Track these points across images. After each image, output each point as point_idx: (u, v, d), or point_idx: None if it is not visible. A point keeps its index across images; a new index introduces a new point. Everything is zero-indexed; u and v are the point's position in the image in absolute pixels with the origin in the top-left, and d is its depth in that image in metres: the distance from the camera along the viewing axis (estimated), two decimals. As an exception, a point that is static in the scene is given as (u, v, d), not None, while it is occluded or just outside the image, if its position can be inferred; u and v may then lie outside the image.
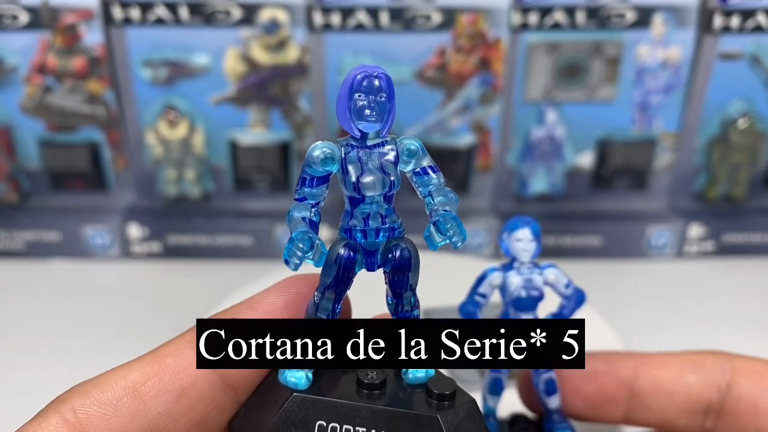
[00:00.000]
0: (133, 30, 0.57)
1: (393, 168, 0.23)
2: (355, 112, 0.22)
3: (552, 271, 0.29)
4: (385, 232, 0.23)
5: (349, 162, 0.23)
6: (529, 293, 0.29)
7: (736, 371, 0.29)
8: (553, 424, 0.30)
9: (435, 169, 0.24)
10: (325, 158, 0.22)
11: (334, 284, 0.23)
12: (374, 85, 0.22)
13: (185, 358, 0.24)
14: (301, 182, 0.23)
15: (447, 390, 0.24)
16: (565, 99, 0.61)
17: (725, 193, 0.64)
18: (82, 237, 0.62)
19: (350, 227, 0.23)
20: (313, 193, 0.23)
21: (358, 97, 0.22)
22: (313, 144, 0.23)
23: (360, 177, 0.23)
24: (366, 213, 0.23)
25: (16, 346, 0.52)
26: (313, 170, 0.23)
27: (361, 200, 0.23)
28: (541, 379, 0.30)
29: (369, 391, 0.24)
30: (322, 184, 0.23)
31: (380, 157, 0.23)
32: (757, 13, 0.58)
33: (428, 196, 0.24)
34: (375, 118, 0.22)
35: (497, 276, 0.29)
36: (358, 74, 0.22)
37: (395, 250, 0.23)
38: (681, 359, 0.30)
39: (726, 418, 0.29)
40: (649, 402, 0.30)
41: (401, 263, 0.23)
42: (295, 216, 0.23)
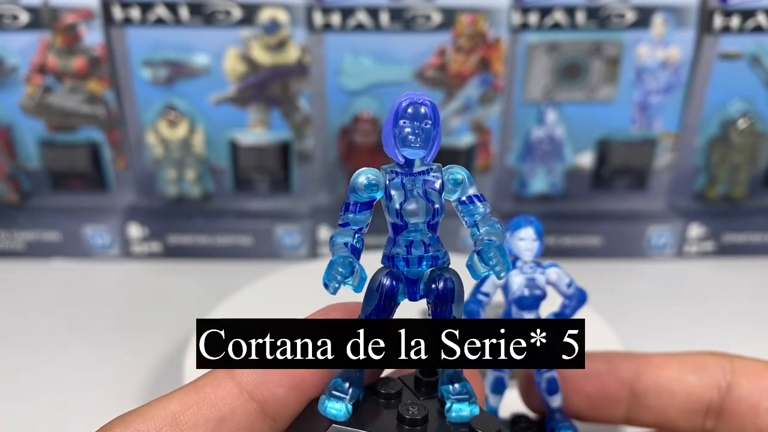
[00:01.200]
0: (134, 30, 0.57)
1: (437, 195, 0.23)
2: (400, 139, 0.22)
3: (554, 271, 0.30)
4: (428, 260, 0.23)
5: (393, 188, 0.23)
6: (532, 292, 0.29)
7: (736, 372, 0.30)
8: (555, 424, 0.30)
9: (481, 198, 0.24)
10: (369, 184, 0.23)
11: (375, 313, 0.23)
12: (420, 112, 0.22)
13: (224, 388, 0.24)
14: (345, 208, 0.23)
15: (491, 429, 0.23)
16: (565, 99, 0.61)
17: (725, 193, 0.64)
18: (82, 237, 0.62)
19: (393, 255, 0.23)
20: (356, 219, 0.23)
21: (403, 123, 0.22)
22: (357, 170, 0.23)
23: (403, 203, 0.22)
24: (409, 241, 0.23)
25: (16, 345, 0.52)
26: (358, 196, 0.23)
27: (404, 227, 0.23)
28: (543, 379, 0.30)
29: (410, 427, 0.23)
30: (366, 210, 0.23)
31: (425, 185, 0.23)
32: (757, 14, 0.58)
33: (474, 225, 0.24)
34: (420, 144, 0.22)
35: None
36: (404, 101, 0.22)
37: (438, 281, 0.23)
38: (681, 360, 0.31)
39: (726, 418, 0.29)
40: (650, 402, 0.30)
41: (444, 294, 0.23)
42: (337, 241, 0.23)
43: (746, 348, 0.34)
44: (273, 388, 0.24)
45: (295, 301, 0.49)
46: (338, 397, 0.24)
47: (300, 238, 0.62)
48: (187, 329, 0.51)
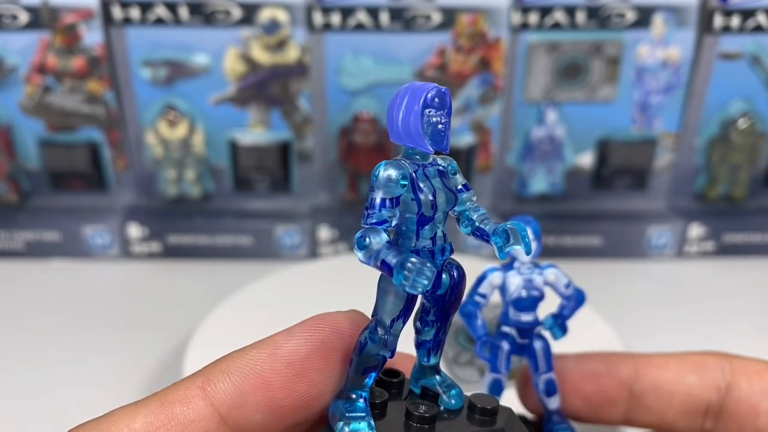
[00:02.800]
0: (133, 30, 0.57)
1: (450, 183, 0.23)
2: (430, 128, 0.21)
3: (552, 271, 0.29)
4: (447, 250, 0.23)
5: (420, 180, 0.22)
6: (530, 293, 0.29)
7: (735, 372, 0.29)
8: (553, 425, 0.30)
9: (469, 187, 0.23)
10: (403, 176, 0.21)
11: (403, 315, 0.22)
12: (445, 100, 0.21)
13: (195, 409, 0.21)
14: (381, 204, 0.21)
15: (489, 404, 0.24)
16: (565, 99, 0.61)
17: (725, 193, 0.64)
18: (82, 237, 0.62)
19: (418, 249, 0.22)
20: (392, 213, 0.21)
21: (429, 113, 0.21)
22: (378, 166, 0.21)
23: (435, 195, 0.22)
24: (434, 232, 0.22)
25: (16, 345, 0.52)
26: (392, 189, 0.21)
27: (430, 219, 0.22)
28: (541, 380, 0.30)
29: (419, 425, 0.23)
30: (397, 206, 0.21)
31: (440, 175, 0.22)
32: (757, 13, 0.58)
33: (464, 212, 0.23)
34: (446, 132, 0.21)
35: (497, 276, 0.29)
36: (430, 91, 0.21)
37: (452, 270, 0.23)
38: (680, 360, 0.30)
39: (726, 419, 0.29)
40: (648, 403, 0.30)
41: (460, 283, 0.23)
42: (375, 241, 0.21)
43: (746, 348, 0.34)
44: (250, 412, 0.22)
45: (295, 301, 0.49)
46: (357, 417, 0.22)
47: (300, 238, 0.62)
48: (187, 329, 0.51)
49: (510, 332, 0.29)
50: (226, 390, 0.21)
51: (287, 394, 0.22)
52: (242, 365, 0.22)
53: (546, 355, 0.29)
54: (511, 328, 0.29)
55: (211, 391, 0.21)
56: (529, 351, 0.30)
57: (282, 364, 0.22)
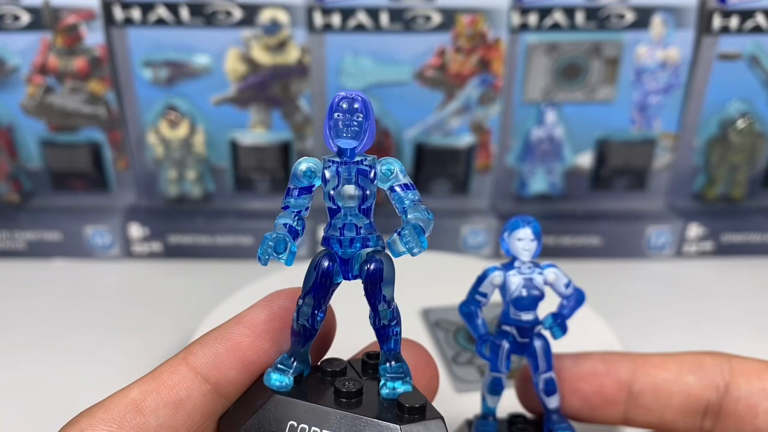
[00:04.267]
0: (134, 30, 0.57)
1: (368, 182, 0.25)
2: (334, 129, 0.24)
3: (552, 271, 0.29)
4: (359, 242, 0.25)
5: (329, 175, 0.25)
6: (530, 293, 0.29)
7: (734, 372, 0.29)
8: (553, 425, 0.30)
9: (411, 186, 0.25)
10: (307, 170, 0.25)
11: (313, 290, 0.25)
12: (352, 106, 0.24)
13: (180, 373, 0.25)
14: (287, 193, 0.25)
15: (416, 403, 0.24)
16: (564, 99, 0.61)
17: (724, 193, 0.65)
18: (83, 237, 0.62)
19: (328, 236, 0.25)
20: (296, 202, 0.25)
21: (337, 116, 0.24)
22: (299, 159, 0.25)
23: (336, 188, 0.25)
24: (342, 223, 0.25)
25: (17, 345, 0.52)
26: (298, 181, 0.25)
27: (337, 210, 0.25)
28: (541, 379, 0.30)
29: (346, 399, 0.25)
30: (305, 194, 0.25)
31: (358, 173, 0.25)
32: (756, 14, 0.58)
33: (403, 212, 0.25)
34: (351, 135, 0.24)
35: (498, 275, 0.29)
36: (338, 97, 0.24)
37: (369, 263, 0.25)
38: (679, 360, 0.30)
39: (724, 418, 0.29)
40: (647, 403, 0.30)
41: (374, 275, 0.25)
42: (278, 222, 0.26)
43: (745, 347, 0.34)
44: (225, 370, 0.26)
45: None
46: (282, 370, 0.26)
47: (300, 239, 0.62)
48: (188, 329, 0.51)
49: (510, 331, 0.30)
50: (204, 356, 0.26)
51: (254, 351, 0.26)
52: (216, 335, 0.26)
53: (546, 354, 0.30)
54: (511, 327, 0.29)
55: (192, 359, 0.26)
56: (529, 350, 0.30)
57: (247, 327, 0.26)
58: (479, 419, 0.31)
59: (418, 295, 0.48)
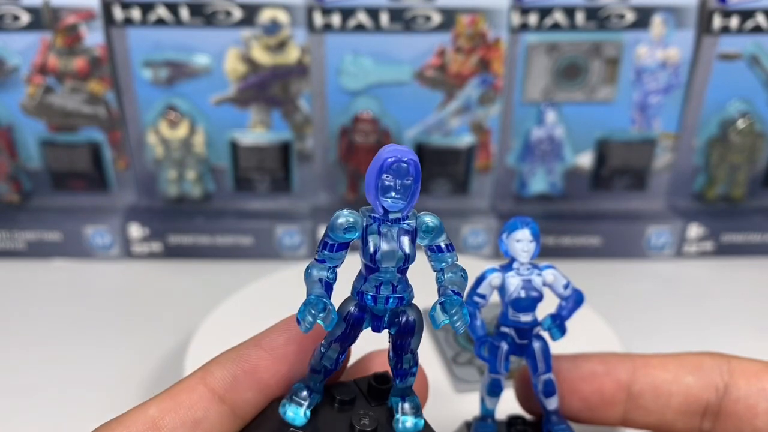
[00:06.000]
0: (134, 30, 0.57)
1: (410, 244, 0.24)
2: (381, 190, 0.23)
3: (551, 272, 0.29)
4: (394, 300, 0.24)
5: (370, 233, 0.24)
6: (528, 294, 0.29)
7: (733, 373, 0.29)
8: (552, 426, 0.30)
9: (451, 247, 0.25)
10: (348, 227, 0.24)
11: (341, 339, 0.25)
12: (402, 168, 0.23)
13: (197, 393, 0.26)
14: (323, 245, 0.24)
15: None
16: (564, 99, 0.61)
17: (724, 193, 0.65)
18: (83, 237, 0.62)
19: (363, 291, 0.24)
20: (332, 256, 0.24)
21: (386, 177, 0.23)
22: (338, 211, 0.24)
23: (377, 249, 0.24)
24: (379, 281, 0.24)
25: (17, 345, 0.52)
26: (336, 236, 0.24)
27: (375, 270, 0.24)
28: (540, 381, 0.30)
29: None
30: (342, 249, 0.24)
31: (399, 233, 0.24)
32: (756, 14, 0.58)
33: (440, 271, 0.25)
34: (400, 197, 0.23)
35: (496, 277, 0.29)
36: (390, 158, 0.23)
37: (402, 316, 0.25)
38: (679, 360, 0.30)
39: (724, 419, 0.29)
40: (647, 403, 0.30)
41: (406, 329, 0.25)
42: (313, 274, 0.24)
43: (745, 348, 0.34)
44: (242, 392, 0.26)
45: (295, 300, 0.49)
46: (298, 402, 0.25)
47: (300, 238, 0.63)
48: (187, 329, 0.51)
49: (509, 333, 0.29)
50: (222, 377, 0.26)
51: (271, 374, 0.26)
52: (233, 356, 0.26)
53: (545, 355, 0.30)
54: (510, 328, 0.29)
55: (209, 380, 0.26)
56: (528, 351, 0.30)
57: (266, 350, 0.26)
58: (478, 421, 0.31)
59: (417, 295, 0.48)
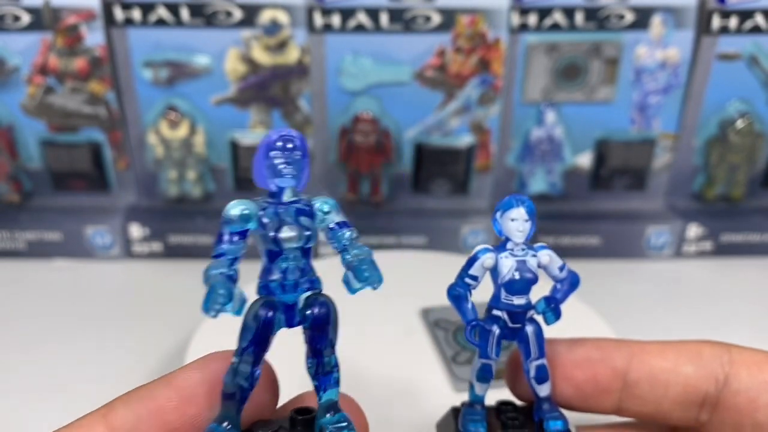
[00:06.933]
0: (135, 31, 0.57)
1: (310, 222, 0.24)
2: (271, 169, 0.23)
3: (546, 253, 0.28)
4: (303, 284, 0.24)
5: (267, 217, 0.23)
6: (523, 276, 0.27)
7: (734, 363, 0.28)
8: (543, 413, 0.29)
9: (348, 224, 0.25)
10: (242, 215, 0.23)
11: (252, 344, 0.23)
12: (289, 144, 0.23)
13: None
14: (219, 239, 0.24)
15: None
16: (564, 99, 0.61)
17: (723, 193, 0.65)
18: (83, 237, 0.62)
19: (268, 282, 0.24)
20: (230, 249, 0.23)
21: (274, 156, 0.23)
22: (229, 203, 0.24)
23: (278, 230, 0.23)
24: (285, 267, 0.23)
25: (17, 345, 0.52)
26: (232, 227, 0.23)
27: (279, 253, 0.23)
28: (532, 366, 0.28)
29: None
30: (240, 240, 0.23)
31: (298, 213, 0.24)
32: (755, 14, 0.58)
33: (343, 250, 0.25)
34: (291, 174, 0.24)
35: (489, 257, 0.28)
36: (274, 136, 0.23)
37: (314, 306, 0.24)
38: (677, 349, 0.29)
39: (722, 411, 0.28)
40: (643, 392, 0.29)
41: (321, 318, 0.24)
42: (212, 273, 0.23)
43: (743, 347, 0.35)
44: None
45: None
46: None
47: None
48: (187, 329, 0.51)
49: (501, 316, 0.28)
50: (125, 416, 0.24)
51: (178, 416, 0.24)
52: (141, 394, 0.24)
53: (538, 340, 0.28)
54: (502, 311, 0.28)
55: (111, 418, 0.24)
56: (521, 336, 0.28)
57: (174, 391, 0.24)
58: (466, 407, 0.30)
59: (417, 295, 0.48)
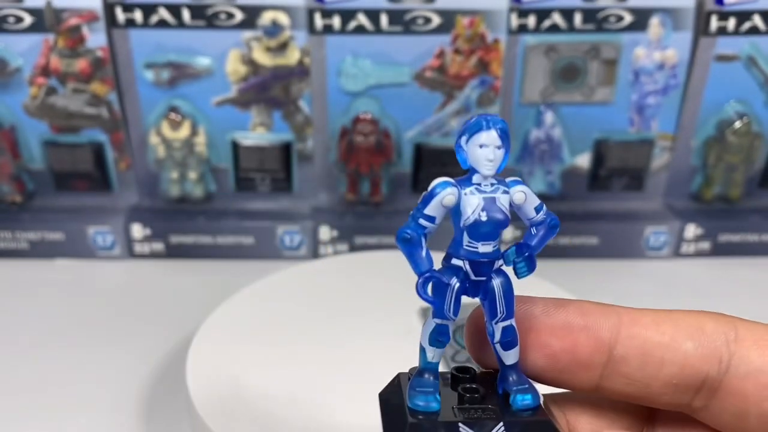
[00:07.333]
0: (136, 32, 0.58)
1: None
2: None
3: (521, 189, 0.23)
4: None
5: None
6: (491, 217, 0.22)
7: (742, 341, 0.24)
8: (509, 385, 0.24)
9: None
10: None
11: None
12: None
13: None
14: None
15: None
16: (562, 100, 0.61)
17: (721, 194, 0.65)
18: (85, 237, 0.62)
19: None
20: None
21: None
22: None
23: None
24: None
25: (19, 345, 0.52)
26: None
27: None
28: (498, 328, 0.24)
29: None
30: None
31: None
32: (753, 16, 0.58)
33: None
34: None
35: (450, 193, 0.22)
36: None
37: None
38: (675, 321, 0.25)
39: (723, 397, 0.23)
40: (631, 371, 0.24)
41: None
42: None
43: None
44: None
45: (296, 300, 0.49)
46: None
47: (301, 238, 0.63)
48: (189, 328, 0.51)
49: (462, 266, 0.23)
50: None
51: None
52: None
53: (506, 296, 0.23)
54: (464, 261, 0.23)
55: None
56: (485, 291, 0.23)
57: None
58: (415, 376, 0.24)
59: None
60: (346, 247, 0.63)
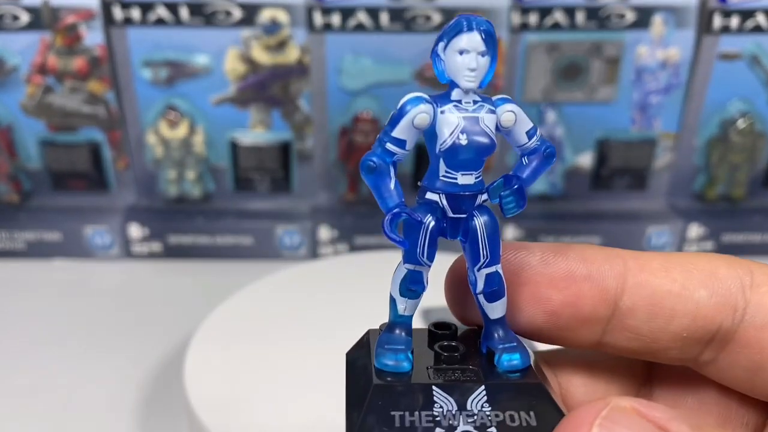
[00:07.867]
0: (134, 30, 0.57)
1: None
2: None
3: (510, 108, 0.19)
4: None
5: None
6: (473, 140, 0.19)
7: (759, 287, 0.21)
8: (495, 343, 0.21)
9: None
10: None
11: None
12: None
13: None
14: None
15: None
16: (564, 99, 0.61)
17: (724, 193, 0.65)
18: (82, 237, 0.62)
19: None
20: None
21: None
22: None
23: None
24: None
25: (17, 345, 0.52)
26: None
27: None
28: (481, 276, 0.20)
29: None
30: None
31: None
32: (756, 14, 0.58)
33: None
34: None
35: (423, 110, 0.19)
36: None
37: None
38: (686, 266, 0.21)
39: (736, 349, 0.21)
40: (638, 323, 0.21)
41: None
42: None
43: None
44: None
45: (295, 301, 0.49)
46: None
47: (300, 238, 0.63)
48: (187, 328, 0.51)
49: (438, 201, 0.20)
50: None
51: None
52: None
53: (491, 239, 0.20)
54: (440, 194, 0.20)
55: None
56: (466, 231, 0.20)
57: None
58: (384, 332, 0.21)
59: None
60: (346, 247, 0.63)
